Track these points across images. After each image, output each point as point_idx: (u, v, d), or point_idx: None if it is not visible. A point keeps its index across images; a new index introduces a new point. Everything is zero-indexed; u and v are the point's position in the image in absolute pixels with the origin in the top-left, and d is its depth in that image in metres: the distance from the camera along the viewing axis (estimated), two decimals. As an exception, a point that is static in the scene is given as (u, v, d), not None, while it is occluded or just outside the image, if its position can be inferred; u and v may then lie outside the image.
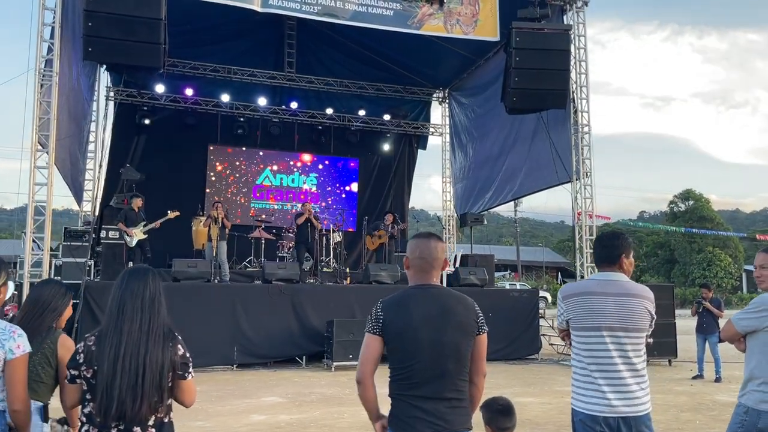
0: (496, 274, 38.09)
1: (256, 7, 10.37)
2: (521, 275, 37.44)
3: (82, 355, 2.43)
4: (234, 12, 11.29)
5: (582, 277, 11.87)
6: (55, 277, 11.27)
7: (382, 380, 2.53)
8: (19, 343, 2.55)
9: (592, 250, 12.01)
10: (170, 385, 2.50)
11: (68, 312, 3.09)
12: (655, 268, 49.35)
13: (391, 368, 2.56)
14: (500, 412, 3.24)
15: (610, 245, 3.11)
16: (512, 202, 34.08)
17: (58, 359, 2.86)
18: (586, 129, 12.21)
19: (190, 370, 2.56)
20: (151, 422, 2.45)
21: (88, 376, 2.40)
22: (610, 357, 2.89)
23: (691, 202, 49.86)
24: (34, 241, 9.86)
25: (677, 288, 38.93)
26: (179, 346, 2.53)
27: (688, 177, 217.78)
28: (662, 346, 11.38)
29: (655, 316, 3.10)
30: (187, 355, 2.55)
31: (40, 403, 2.86)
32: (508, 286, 29.50)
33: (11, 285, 3.60)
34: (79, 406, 2.51)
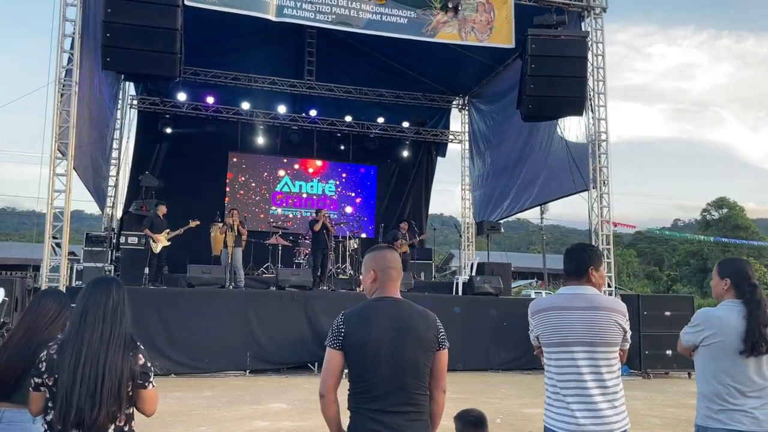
0: (522, 282, 37.88)
1: (271, 17, 10.50)
2: (548, 283, 36.95)
3: (44, 363, 2.48)
4: (253, 21, 11.42)
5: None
6: (76, 283, 11.56)
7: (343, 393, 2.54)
8: None
9: (611, 260, 11.87)
10: (131, 394, 2.53)
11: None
12: (687, 278, 48.24)
13: (351, 381, 2.56)
14: (472, 423, 3.22)
15: (578, 258, 3.04)
16: (538, 210, 33.79)
17: None
18: (603, 137, 12.05)
19: (151, 379, 2.59)
20: (110, 430, 2.49)
21: (50, 384, 2.46)
22: (577, 374, 2.81)
23: (725, 210, 48.72)
24: (58, 245, 10.08)
25: (710, 298, 38.03)
26: (140, 355, 2.57)
27: (725, 184, 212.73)
28: (682, 358, 10.95)
29: (628, 330, 3.00)
30: (148, 364, 2.58)
31: None
32: (533, 295, 29.20)
33: (0, 292, 3.72)
34: None
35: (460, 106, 17.92)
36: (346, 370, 2.58)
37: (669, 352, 11.02)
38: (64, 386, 2.42)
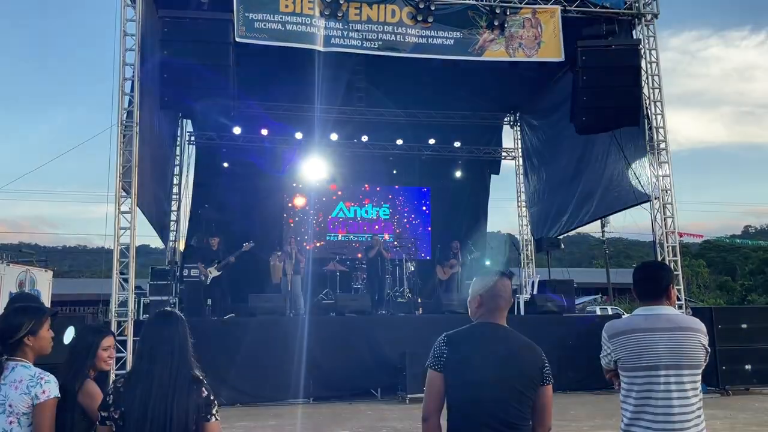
0: (586, 299, 36.75)
1: (319, 48, 10.70)
2: (613, 299, 35.79)
3: (111, 396, 2.54)
4: (303, 53, 11.65)
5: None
6: (144, 316, 11.89)
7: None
8: (45, 389, 2.64)
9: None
10: (195, 428, 2.55)
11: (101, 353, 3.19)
12: (763, 287, 45.83)
13: (450, 407, 2.49)
14: None
15: (657, 277, 2.91)
16: (600, 223, 32.94)
17: (81, 405, 2.94)
18: (663, 146, 11.67)
19: (214, 411, 2.60)
20: None
21: (116, 417, 2.50)
22: (665, 398, 2.69)
23: (799, 214, 46.24)
24: (126, 281, 10.40)
25: (789, 308, 35.87)
26: (204, 389, 2.60)
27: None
28: (763, 373, 10.54)
29: (709, 350, 2.88)
30: (212, 397, 2.61)
31: None
32: (598, 311, 28.29)
33: (71, 330, 3.83)
34: None
35: (511, 123, 17.76)
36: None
37: (748, 366, 10.48)
38: (135, 423, 2.46)
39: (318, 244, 16.46)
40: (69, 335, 3.72)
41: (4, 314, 2.80)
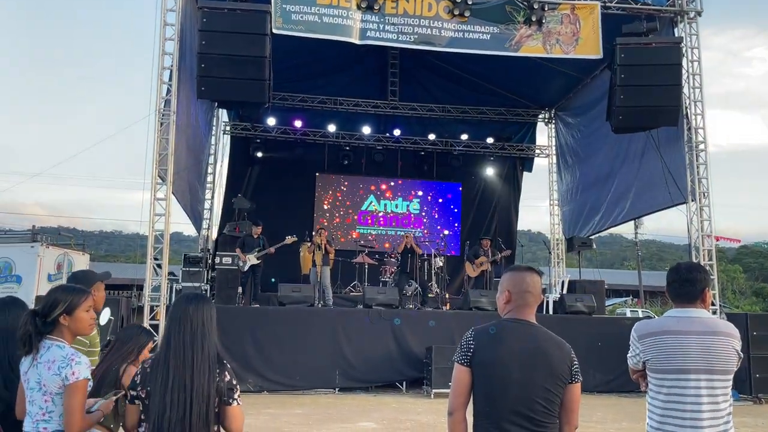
0: (617, 300, 36.26)
1: (355, 40, 10.71)
2: (644, 301, 35.21)
3: (139, 376, 2.60)
4: (337, 45, 11.69)
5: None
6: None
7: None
8: (75, 370, 2.62)
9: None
10: (216, 411, 2.57)
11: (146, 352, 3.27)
12: (803, 295, 44.57)
13: (476, 403, 2.49)
14: None
15: (693, 279, 2.84)
16: (633, 224, 32.46)
17: (122, 386, 3.00)
18: (701, 147, 11.42)
19: (236, 396, 2.62)
20: None
21: (143, 396, 2.56)
22: (694, 403, 2.64)
23: (842, 221, 44.76)
24: (159, 266, 10.62)
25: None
26: (226, 372, 2.61)
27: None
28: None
29: (742, 355, 2.82)
30: (234, 381, 2.62)
31: None
32: (629, 313, 27.92)
33: (107, 312, 3.93)
34: None
35: (546, 120, 17.56)
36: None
37: (786, 374, 10.24)
38: (155, 410, 2.50)
39: (348, 236, 16.55)
40: (105, 317, 3.82)
41: (47, 292, 2.86)
